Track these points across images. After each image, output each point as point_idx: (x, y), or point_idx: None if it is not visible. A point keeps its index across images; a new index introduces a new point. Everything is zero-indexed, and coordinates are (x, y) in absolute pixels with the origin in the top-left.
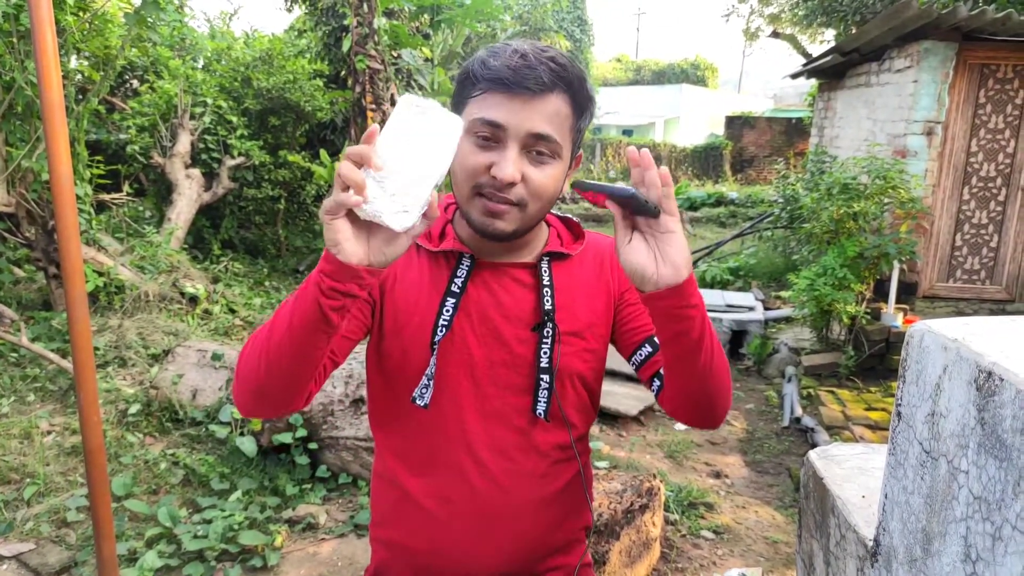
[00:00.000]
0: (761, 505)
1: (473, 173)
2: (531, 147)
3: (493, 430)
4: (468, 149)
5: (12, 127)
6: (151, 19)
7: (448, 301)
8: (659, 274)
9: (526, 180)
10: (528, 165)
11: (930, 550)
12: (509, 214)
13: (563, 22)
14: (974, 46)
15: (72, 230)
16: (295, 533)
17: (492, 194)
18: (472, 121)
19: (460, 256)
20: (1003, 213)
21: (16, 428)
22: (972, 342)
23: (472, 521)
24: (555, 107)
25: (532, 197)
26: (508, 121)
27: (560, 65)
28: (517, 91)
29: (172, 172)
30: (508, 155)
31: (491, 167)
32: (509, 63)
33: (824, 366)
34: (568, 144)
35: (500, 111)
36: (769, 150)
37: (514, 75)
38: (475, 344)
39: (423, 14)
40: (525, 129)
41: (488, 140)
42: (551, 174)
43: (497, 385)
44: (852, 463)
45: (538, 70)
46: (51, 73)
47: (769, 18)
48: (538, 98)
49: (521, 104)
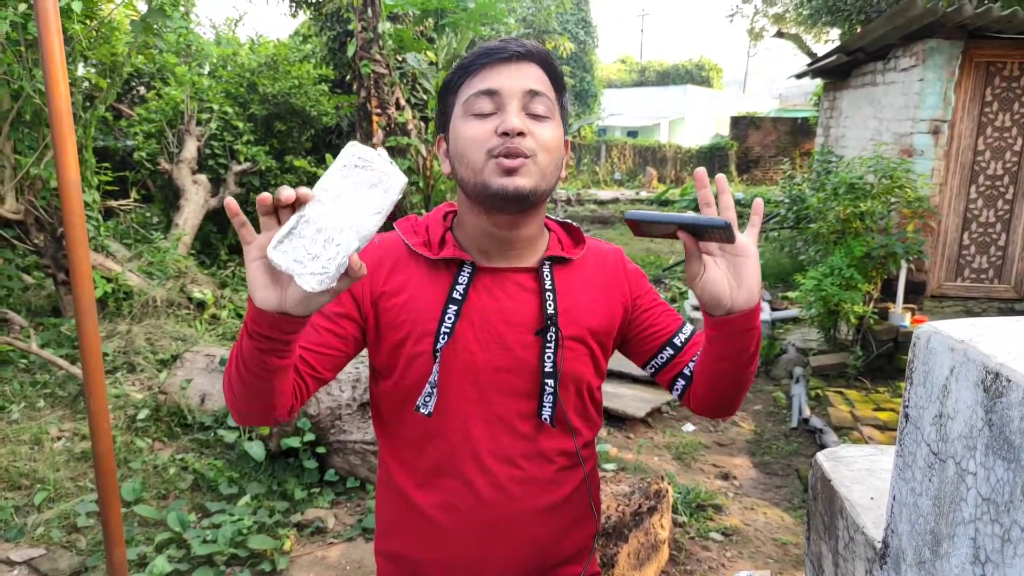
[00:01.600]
0: (770, 507)
1: (482, 142)
2: (528, 106)
3: (499, 437)
4: (471, 124)
5: (21, 135)
6: (157, 26)
7: (450, 308)
8: (734, 300)
9: (531, 133)
10: (530, 121)
11: (939, 552)
12: (525, 167)
13: (567, 24)
14: (980, 44)
15: (80, 237)
16: (304, 537)
17: (506, 150)
18: (468, 99)
19: (461, 263)
20: (1011, 211)
21: (26, 434)
22: (979, 343)
23: (479, 530)
24: (539, 74)
25: (541, 149)
26: (502, 85)
27: (536, 47)
28: (503, 56)
29: (179, 178)
30: (510, 111)
31: (496, 129)
32: (481, 52)
33: (832, 366)
34: (557, 115)
35: (492, 79)
36: (775, 150)
37: (490, 52)
38: (478, 350)
39: (427, 18)
40: (519, 87)
41: (486, 113)
42: (552, 130)
43: (501, 391)
44: (860, 465)
45: (517, 42)
46: (59, 81)
47: (773, 18)
48: (524, 61)
49: (509, 68)
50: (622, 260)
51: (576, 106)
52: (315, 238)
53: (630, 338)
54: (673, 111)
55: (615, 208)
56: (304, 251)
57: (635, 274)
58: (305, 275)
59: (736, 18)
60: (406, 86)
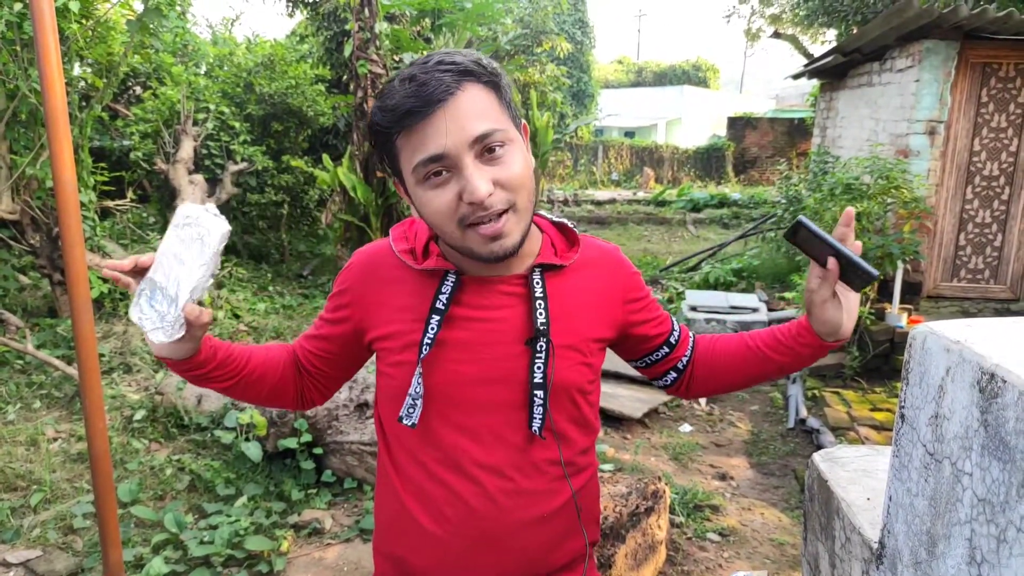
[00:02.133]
0: (767, 507)
1: (449, 213)
2: (481, 151)
3: (487, 448)
4: (430, 195)
5: (16, 134)
6: (154, 26)
7: (433, 319)
8: (846, 327)
9: (499, 184)
10: (490, 169)
11: (935, 552)
12: (507, 226)
13: (564, 24)
14: (976, 45)
15: (76, 237)
16: (301, 538)
17: (479, 219)
18: (415, 169)
19: (445, 273)
20: (1007, 212)
21: (22, 435)
22: (974, 344)
23: (469, 540)
24: (473, 100)
25: (514, 192)
26: (445, 145)
27: (452, 63)
28: (431, 110)
29: (176, 178)
30: (468, 174)
31: (462, 196)
32: (406, 92)
33: (829, 367)
34: (509, 124)
35: (431, 141)
36: (771, 151)
37: (418, 99)
38: (463, 361)
39: (424, 18)
40: (464, 140)
41: (440, 175)
42: (515, 161)
43: (489, 403)
44: (856, 465)
45: (435, 78)
46: (55, 80)
47: (770, 19)
48: (452, 103)
49: (442, 119)
50: (619, 260)
51: (573, 106)
52: (157, 297)
53: (626, 337)
54: (670, 112)
55: (612, 209)
56: (152, 310)
57: (632, 275)
58: (155, 331)
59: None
60: None
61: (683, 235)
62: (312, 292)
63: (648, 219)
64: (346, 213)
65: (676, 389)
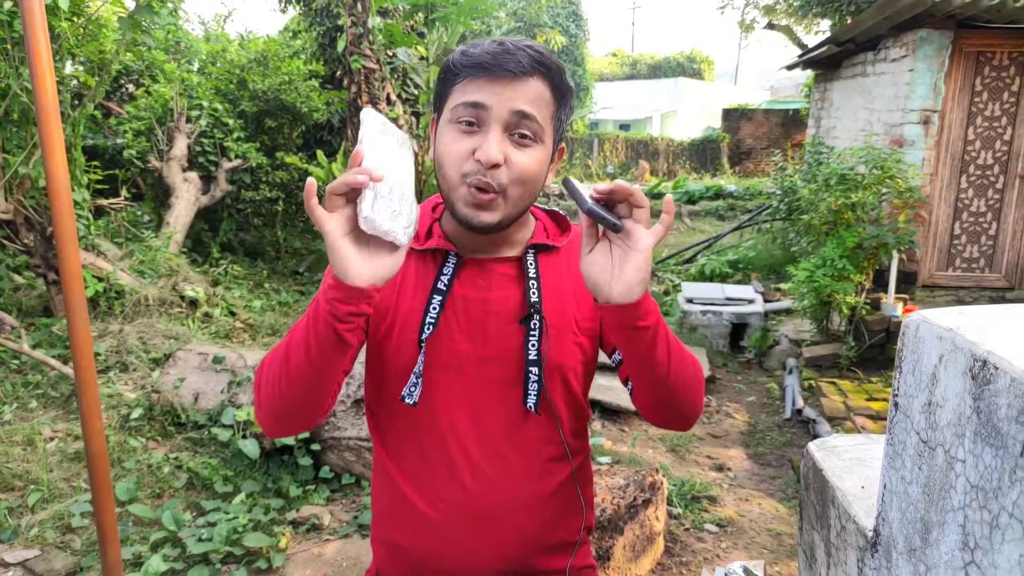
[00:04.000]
0: (764, 497)
1: (458, 160)
2: (514, 128)
3: (484, 427)
4: (452, 136)
5: (8, 134)
6: (145, 23)
7: (434, 299)
8: (611, 289)
9: (509, 163)
10: (511, 148)
11: (929, 539)
12: (494, 202)
13: (558, 17)
14: (970, 34)
15: (70, 236)
16: (299, 534)
17: (478, 181)
18: (455, 107)
19: (446, 254)
20: (1001, 201)
21: (19, 435)
22: (967, 331)
23: (466, 522)
24: (536, 91)
25: (515, 182)
26: (490, 101)
27: (539, 52)
28: (498, 73)
29: (169, 176)
30: (491, 137)
31: (475, 152)
32: (488, 50)
33: (825, 357)
34: (550, 130)
35: (482, 93)
36: (766, 142)
37: (494, 59)
38: (462, 340)
39: (417, 12)
40: (507, 108)
41: (471, 125)
42: (534, 157)
43: (486, 381)
44: (851, 454)
45: (517, 55)
46: (46, 79)
47: (764, 9)
48: (519, 80)
49: (502, 86)
50: None
51: None
52: (391, 196)
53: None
54: (665, 104)
55: None
56: (390, 210)
57: None
58: (398, 231)
59: (727, 10)
60: (397, 81)
61: (678, 227)
62: (308, 288)
63: None
64: None
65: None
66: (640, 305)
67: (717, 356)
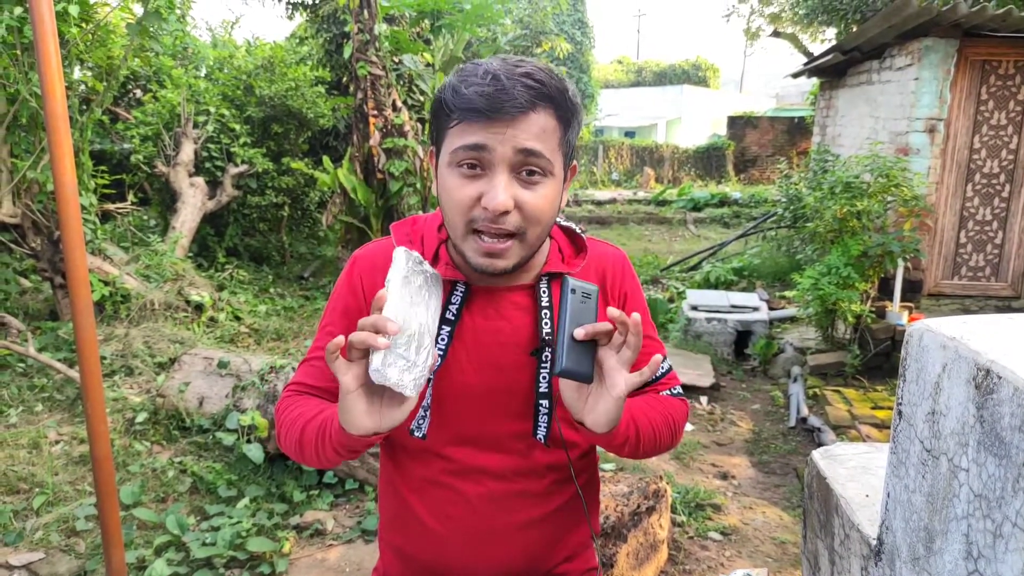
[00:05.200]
0: (768, 506)
1: (463, 208)
2: (520, 167)
3: (493, 456)
4: (455, 182)
5: (17, 138)
6: (153, 29)
7: (443, 330)
8: (582, 417)
9: (520, 206)
10: (520, 189)
11: (932, 548)
12: (509, 250)
13: (564, 25)
14: (975, 43)
15: (77, 240)
16: (303, 539)
17: (487, 228)
18: (454, 151)
19: (455, 283)
20: (1007, 209)
21: (24, 438)
22: (970, 340)
23: (472, 537)
24: (539, 125)
25: (530, 223)
26: (491, 142)
27: (538, 81)
28: (496, 116)
29: (176, 181)
30: (497, 181)
31: (481, 198)
32: (481, 90)
33: (830, 365)
34: (559, 160)
35: (480, 135)
36: (772, 150)
37: (489, 102)
38: (471, 372)
39: (423, 19)
40: (511, 147)
41: (474, 168)
42: (545, 195)
43: (495, 412)
44: (855, 462)
45: (514, 92)
46: (55, 84)
47: (770, 17)
48: (520, 120)
49: (503, 126)
50: (623, 266)
51: None
52: (407, 348)
53: None
54: (670, 111)
55: (612, 209)
56: (404, 361)
57: (634, 290)
58: (408, 384)
59: (732, 18)
60: (403, 87)
61: (684, 234)
62: (313, 294)
63: (649, 219)
64: (346, 215)
65: None
66: (609, 434)
67: (721, 363)
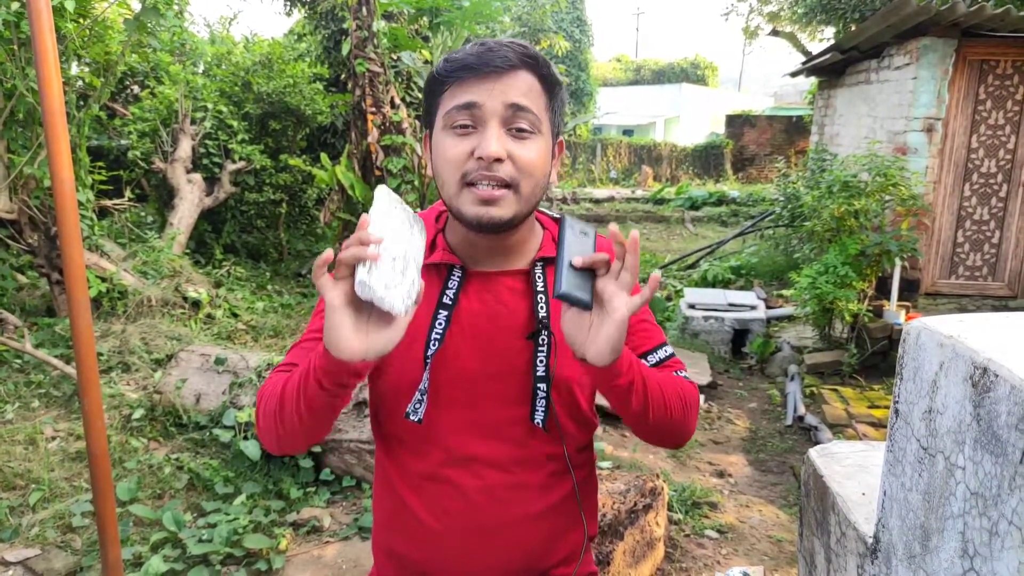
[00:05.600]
0: (765, 504)
1: (457, 163)
2: (511, 122)
3: (490, 443)
4: (449, 142)
5: (14, 134)
6: (151, 25)
7: (440, 314)
8: (585, 350)
9: (513, 158)
10: (511, 142)
11: (928, 546)
12: (504, 199)
13: (562, 23)
14: (973, 42)
15: (74, 236)
16: (300, 536)
17: (481, 177)
18: (447, 113)
19: (451, 268)
20: (1004, 209)
21: (21, 434)
22: (967, 339)
23: (469, 534)
24: (527, 82)
25: (523, 175)
26: (482, 99)
27: (522, 46)
28: (486, 71)
29: (174, 177)
30: (489, 133)
31: (474, 152)
32: (471, 51)
33: (827, 364)
34: (547, 122)
35: (472, 92)
36: (770, 148)
37: (478, 58)
38: (469, 356)
39: (422, 17)
40: (501, 102)
41: (466, 127)
42: (537, 149)
43: (493, 397)
44: (852, 460)
45: (502, 51)
46: (52, 80)
47: (768, 16)
48: (508, 74)
49: (492, 81)
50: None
51: (571, 105)
52: (392, 267)
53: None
54: (668, 109)
55: (610, 207)
56: (389, 279)
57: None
58: (395, 300)
59: (731, 16)
60: (401, 84)
61: (681, 233)
62: (310, 291)
63: (647, 217)
64: (344, 211)
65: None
66: (612, 367)
67: (719, 362)
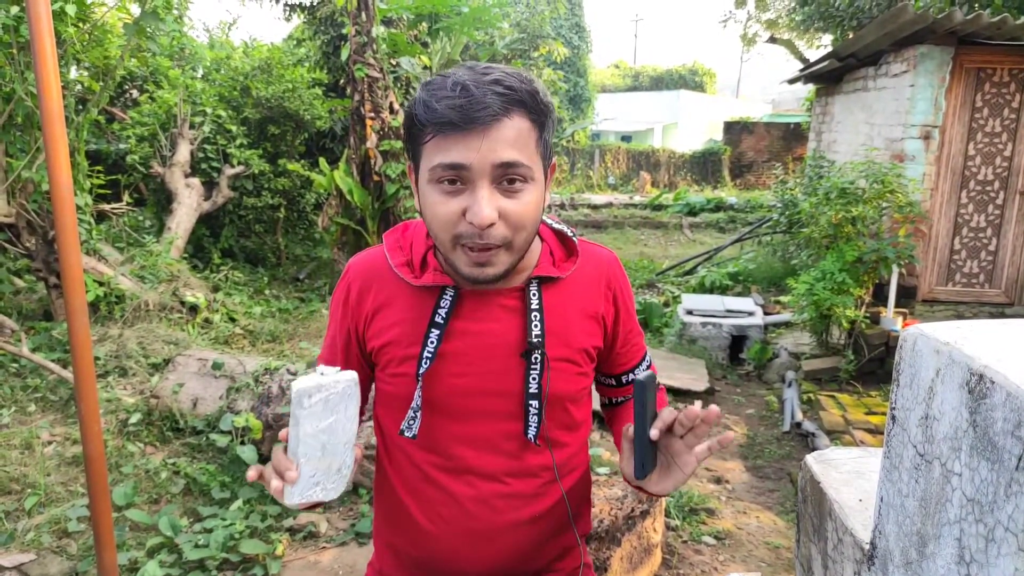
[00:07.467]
0: (762, 510)
1: (448, 224)
2: (501, 178)
3: (485, 455)
4: (436, 198)
5: (12, 138)
6: (150, 29)
7: (432, 332)
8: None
9: (505, 216)
10: (503, 199)
11: (925, 552)
12: (496, 257)
13: (561, 29)
14: (970, 50)
15: (72, 240)
16: (296, 542)
17: (474, 243)
18: (433, 168)
19: (443, 288)
20: (1001, 216)
21: (17, 438)
22: (964, 345)
23: (462, 537)
24: (515, 130)
25: (515, 231)
26: (469, 159)
27: (507, 87)
28: (470, 127)
29: (172, 181)
30: (479, 195)
31: (465, 212)
32: (452, 102)
33: (824, 371)
34: (538, 163)
35: (458, 151)
36: (767, 155)
37: (461, 114)
38: (461, 374)
39: (421, 22)
40: (489, 162)
41: (454, 183)
42: (529, 201)
43: (486, 414)
44: (849, 467)
45: (485, 100)
46: (51, 84)
47: (766, 24)
48: (494, 128)
49: (478, 139)
50: (615, 268)
51: (570, 111)
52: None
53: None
54: (667, 116)
55: (608, 213)
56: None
57: (624, 289)
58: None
59: (729, 24)
60: (400, 90)
61: (679, 239)
62: (308, 296)
63: (644, 223)
64: (342, 217)
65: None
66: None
67: (716, 368)
